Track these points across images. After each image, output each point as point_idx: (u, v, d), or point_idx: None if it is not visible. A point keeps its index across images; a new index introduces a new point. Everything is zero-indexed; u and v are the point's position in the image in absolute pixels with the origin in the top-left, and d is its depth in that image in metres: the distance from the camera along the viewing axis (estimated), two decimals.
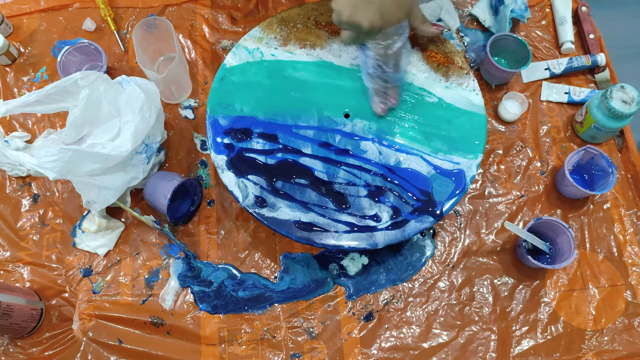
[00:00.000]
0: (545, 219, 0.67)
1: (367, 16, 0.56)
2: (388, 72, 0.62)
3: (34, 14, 0.85)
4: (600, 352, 0.66)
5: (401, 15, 0.58)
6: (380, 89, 0.64)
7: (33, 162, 0.59)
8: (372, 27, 0.57)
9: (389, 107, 0.65)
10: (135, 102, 0.65)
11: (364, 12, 0.56)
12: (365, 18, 0.56)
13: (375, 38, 0.59)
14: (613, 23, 1.31)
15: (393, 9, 0.57)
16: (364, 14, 0.56)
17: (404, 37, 0.61)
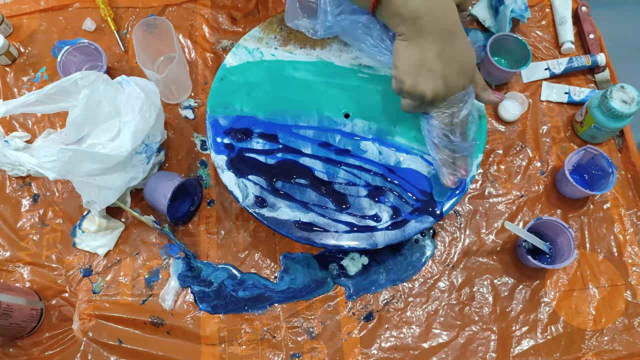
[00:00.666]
0: (545, 219, 0.67)
1: (429, 85, 0.52)
2: (455, 142, 0.57)
3: (34, 14, 0.85)
4: (600, 352, 0.66)
5: (465, 82, 0.54)
6: (448, 159, 0.58)
7: (33, 162, 0.59)
8: (436, 97, 0.53)
9: (458, 178, 0.59)
10: (135, 102, 0.65)
11: (427, 81, 0.52)
12: (427, 87, 0.52)
13: (439, 107, 0.55)
14: (613, 23, 1.32)
15: (457, 76, 0.53)
16: (427, 83, 0.52)
17: (470, 104, 0.56)
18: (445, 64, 0.52)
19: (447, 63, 0.52)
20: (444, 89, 0.53)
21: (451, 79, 0.52)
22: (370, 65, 0.68)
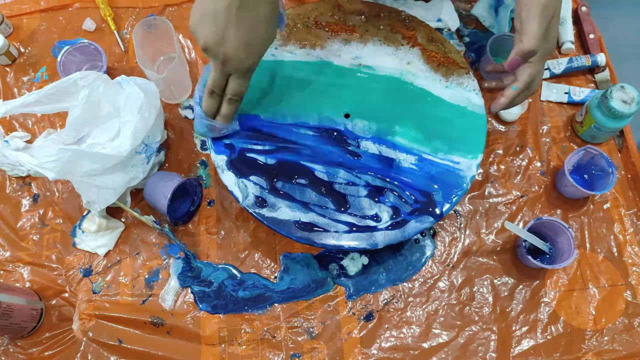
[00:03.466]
0: (545, 219, 0.67)
1: (203, 32, 0.50)
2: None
3: (34, 14, 0.85)
4: (600, 352, 0.66)
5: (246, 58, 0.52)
6: None
7: (33, 162, 0.59)
8: (205, 48, 0.51)
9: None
10: (134, 102, 0.65)
11: (204, 28, 0.50)
12: (201, 33, 0.50)
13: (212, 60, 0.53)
14: (613, 23, 1.32)
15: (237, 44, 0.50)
16: (203, 29, 0.50)
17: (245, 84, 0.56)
18: (228, 23, 0.49)
19: (230, 23, 0.49)
20: (216, 47, 0.50)
21: (228, 42, 0.50)
22: (370, 65, 0.68)
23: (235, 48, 0.51)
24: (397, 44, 0.70)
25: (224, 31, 0.49)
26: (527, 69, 0.61)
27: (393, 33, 0.70)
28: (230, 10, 0.48)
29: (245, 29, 0.50)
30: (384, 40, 0.70)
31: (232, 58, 0.51)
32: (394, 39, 0.70)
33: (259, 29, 0.51)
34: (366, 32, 0.70)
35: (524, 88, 0.62)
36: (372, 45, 0.70)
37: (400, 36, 0.70)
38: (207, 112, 0.58)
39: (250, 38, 0.51)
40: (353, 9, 0.71)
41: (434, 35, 0.70)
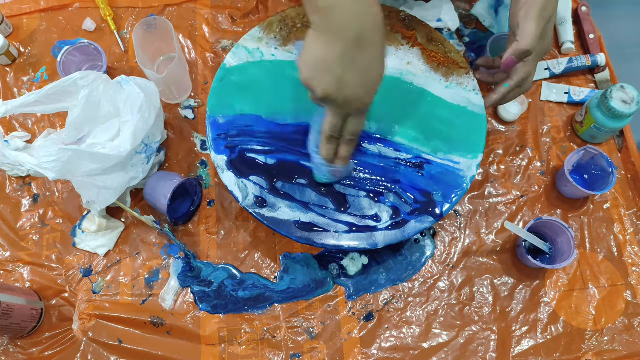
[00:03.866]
0: (545, 219, 0.67)
1: (322, 83, 0.49)
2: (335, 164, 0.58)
3: (34, 14, 0.85)
4: (600, 352, 0.66)
5: (364, 97, 0.51)
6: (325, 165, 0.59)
7: (33, 163, 0.59)
8: (327, 97, 0.50)
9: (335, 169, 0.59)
10: (134, 102, 0.65)
11: (321, 79, 0.49)
12: (320, 85, 0.49)
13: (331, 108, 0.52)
14: (613, 23, 1.32)
15: (355, 85, 0.49)
16: (320, 80, 0.49)
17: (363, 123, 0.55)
18: (345, 68, 0.48)
19: (347, 68, 0.48)
20: (337, 93, 0.49)
21: (348, 86, 0.49)
22: None
23: (356, 90, 0.50)
24: (397, 44, 0.70)
25: (342, 77, 0.48)
26: (521, 67, 0.61)
27: (393, 33, 0.70)
28: (347, 54, 0.47)
29: (362, 69, 0.49)
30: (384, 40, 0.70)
31: (353, 100, 0.50)
32: (393, 39, 0.70)
33: (374, 67, 0.50)
34: None
35: (515, 86, 0.62)
36: None
37: (400, 36, 0.70)
38: (327, 158, 0.57)
39: (367, 77, 0.50)
40: None
41: (434, 35, 0.70)
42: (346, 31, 0.47)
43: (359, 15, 0.46)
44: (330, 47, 0.47)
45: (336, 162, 0.58)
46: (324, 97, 0.50)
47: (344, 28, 0.46)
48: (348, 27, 0.46)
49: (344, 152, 0.57)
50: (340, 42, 0.47)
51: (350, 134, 0.55)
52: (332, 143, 0.56)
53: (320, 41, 0.48)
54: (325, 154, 0.57)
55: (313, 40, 0.49)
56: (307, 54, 0.50)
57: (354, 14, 0.46)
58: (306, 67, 0.50)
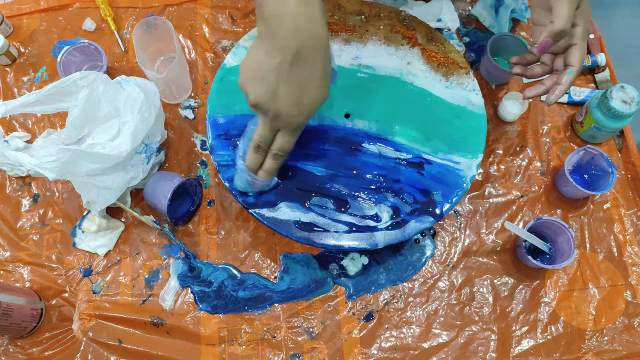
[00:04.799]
0: (545, 219, 0.67)
1: (255, 90, 0.49)
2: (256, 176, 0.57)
3: (34, 14, 0.85)
4: (600, 352, 0.66)
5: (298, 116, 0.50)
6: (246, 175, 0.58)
7: (32, 163, 0.59)
8: (258, 105, 0.50)
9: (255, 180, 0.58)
10: (134, 102, 0.65)
11: (255, 86, 0.49)
12: (252, 91, 0.49)
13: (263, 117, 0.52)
14: (613, 23, 1.32)
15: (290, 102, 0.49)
16: (254, 87, 0.49)
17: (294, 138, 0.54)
18: (280, 80, 0.48)
19: (282, 81, 0.48)
20: (268, 104, 0.49)
21: (280, 100, 0.49)
22: (370, 65, 0.68)
23: (287, 105, 0.49)
24: (397, 44, 0.70)
25: (275, 88, 0.48)
26: (576, 51, 0.60)
27: (393, 33, 0.70)
28: (282, 67, 0.47)
29: (297, 86, 0.49)
30: (384, 40, 0.70)
31: (284, 115, 0.50)
32: (394, 39, 0.70)
33: (311, 87, 0.49)
34: (366, 32, 0.70)
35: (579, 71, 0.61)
36: (372, 45, 0.70)
37: (400, 36, 0.70)
38: (250, 167, 0.56)
39: (302, 95, 0.49)
40: (353, 9, 0.71)
41: (434, 35, 0.70)
42: (286, 44, 0.47)
43: (302, 33, 0.46)
44: (268, 57, 0.48)
45: (259, 174, 0.57)
46: (255, 104, 0.50)
47: (285, 41, 0.47)
48: (288, 41, 0.46)
49: (269, 166, 0.56)
50: (279, 53, 0.47)
51: (277, 148, 0.54)
52: (259, 153, 0.55)
53: (261, 49, 0.48)
54: (249, 163, 0.56)
55: (256, 47, 0.49)
56: (248, 58, 0.50)
57: (296, 30, 0.46)
58: (244, 70, 0.50)
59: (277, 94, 0.49)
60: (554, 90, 0.61)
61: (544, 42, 0.58)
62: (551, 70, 0.64)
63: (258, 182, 0.58)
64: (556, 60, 0.63)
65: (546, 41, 0.58)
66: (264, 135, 0.53)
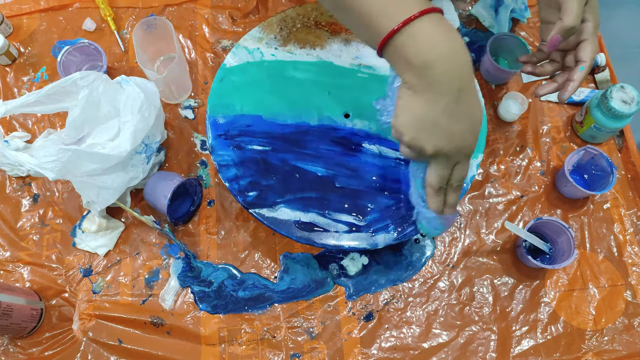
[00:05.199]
0: (545, 219, 0.67)
1: (432, 141, 0.47)
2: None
3: (34, 14, 0.85)
4: (600, 352, 0.66)
5: (473, 142, 0.49)
6: None
7: (32, 163, 0.59)
8: (438, 153, 0.48)
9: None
10: (134, 102, 0.65)
11: (429, 136, 0.47)
12: (429, 143, 0.47)
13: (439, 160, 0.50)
14: (613, 23, 1.32)
15: (464, 133, 0.48)
16: (429, 138, 0.47)
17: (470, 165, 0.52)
18: (451, 120, 0.47)
19: (453, 120, 0.47)
20: (448, 146, 0.48)
21: (457, 136, 0.48)
22: (370, 65, 0.68)
23: (465, 138, 0.48)
24: None
25: (450, 129, 0.47)
26: (587, 46, 0.59)
27: None
28: (450, 108, 0.46)
29: (467, 118, 0.47)
30: None
31: (462, 149, 0.49)
32: None
33: (475, 110, 0.48)
34: None
35: (590, 67, 0.60)
36: None
37: None
38: (438, 210, 0.54)
39: (472, 121, 0.48)
40: None
41: None
42: (448, 87, 0.45)
43: (458, 69, 0.45)
44: (431, 105, 0.46)
45: (445, 211, 0.55)
46: (436, 153, 0.48)
47: (445, 84, 0.45)
48: (449, 82, 0.45)
49: (453, 200, 0.54)
50: (443, 98, 0.45)
51: (457, 180, 0.52)
52: (441, 194, 0.53)
53: (420, 100, 0.46)
54: (437, 207, 0.54)
55: (411, 100, 0.47)
56: (407, 114, 0.48)
57: (453, 69, 0.45)
58: (409, 129, 0.48)
59: (454, 134, 0.47)
60: (567, 87, 0.61)
61: (553, 38, 0.57)
62: (562, 67, 0.64)
63: (447, 221, 0.56)
64: (567, 56, 0.63)
65: (556, 38, 0.57)
66: (443, 175, 0.51)
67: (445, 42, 0.44)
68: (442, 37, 0.44)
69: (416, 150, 0.49)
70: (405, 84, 0.47)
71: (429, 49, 0.44)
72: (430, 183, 0.52)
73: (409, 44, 0.44)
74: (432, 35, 0.44)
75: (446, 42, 0.44)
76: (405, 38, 0.44)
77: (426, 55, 0.44)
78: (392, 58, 0.47)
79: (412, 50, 0.44)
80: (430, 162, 0.50)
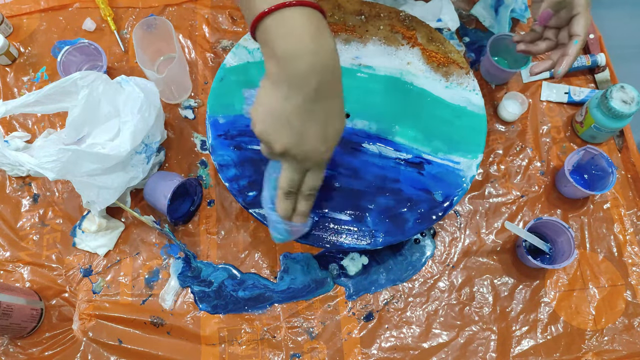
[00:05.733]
0: (545, 219, 0.67)
1: (282, 138, 0.46)
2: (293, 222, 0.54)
3: (34, 14, 0.85)
4: (600, 352, 0.66)
5: (326, 151, 0.48)
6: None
7: (32, 163, 0.59)
8: (286, 152, 0.47)
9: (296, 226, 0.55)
10: (134, 102, 0.65)
11: (280, 133, 0.46)
12: (278, 139, 0.46)
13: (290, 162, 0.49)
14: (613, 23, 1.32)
15: (316, 139, 0.46)
16: (279, 134, 0.46)
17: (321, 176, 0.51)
18: (304, 121, 0.45)
19: (307, 121, 0.45)
20: (297, 148, 0.46)
21: (307, 140, 0.46)
22: (370, 65, 0.68)
23: (316, 145, 0.47)
24: (397, 44, 0.70)
25: (302, 131, 0.45)
26: (580, 19, 0.59)
27: (393, 33, 0.70)
28: (305, 107, 0.44)
29: (322, 122, 0.46)
30: (384, 40, 0.70)
31: (313, 155, 0.48)
32: (394, 39, 0.70)
33: (334, 119, 0.47)
34: (366, 32, 0.70)
35: (585, 40, 0.60)
36: (372, 45, 0.70)
37: (400, 36, 0.70)
38: (285, 215, 0.53)
39: (327, 130, 0.47)
40: (353, 9, 0.71)
41: (434, 35, 0.70)
42: (306, 82, 0.43)
43: (320, 67, 0.43)
44: (287, 99, 0.44)
45: (294, 219, 0.54)
46: (283, 152, 0.47)
47: (304, 79, 0.43)
48: (308, 78, 0.43)
49: (303, 208, 0.53)
50: (299, 93, 0.44)
51: (309, 189, 0.51)
52: (291, 199, 0.52)
53: (277, 92, 0.45)
54: (283, 212, 0.53)
55: (269, 91, 0.46)
56: (263, 105, 0.46)
57: (314, 66, 0.43)
58: (262, 120, 0.46)
59: (305, 136, 0.46)
60: (561, 62, 0.61)
61: (544, 13, 0.57)
62: (556, 45, 0.64)
63: (296, 227, 0.55)
64: (560, 33, 0.62)
65: (547, 12, 0.57)
66: (293, 180, 0.50)
67: (313, 39, 0.42)
68: (311, 32, 0.42)
69: (265, 145, 0.47)
70: (267, 73, 0.45)
71: (293, 40, 0.42)
72: (280, 185, 0.51)
73: (276, 30, 0.43)
74: (301, 28, 0.42)
75: (314, 38, 0.42)
76: (274, 23, 0.43)
77: (289, 45, 0.42)
78: (261, 42, 0.45)
79: (276, 37, 0.43)
80: (283, 163, 0.49)
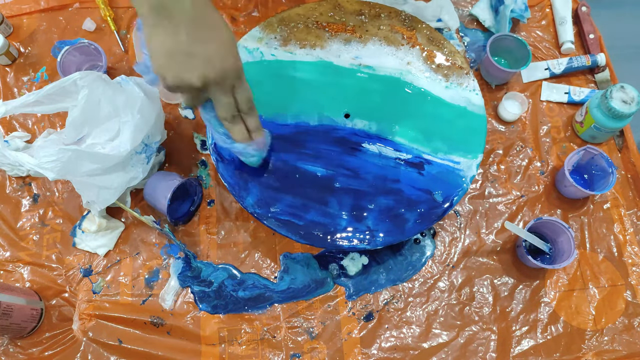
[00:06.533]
0: (545, 219, 0.67)
1: (195, 71, 0.47)
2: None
3: (34, 14, 0.85)
4: (600, 352, 0.66)
5: (234, 59, 0.49)
6: None
7: (32, 163, 0.59)
8: (206, 81, 0.48)
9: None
10: (134, 102, 0.65)
11: (190, 67, 0.47)
12: (193, 74, 0.47)
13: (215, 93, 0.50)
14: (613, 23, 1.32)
15: (221, 53, 0.48)
16: (191, 69, 0.47)
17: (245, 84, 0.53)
18: (203, 43, 0.47)
19: (204, 42, 0.47)
20: (213, 71, 0.47)
21: (216, 59, 0.47)
22: (370, 65, 0.68)
23: (223, 59, 0.48)
24: (397, 44, 0.70)
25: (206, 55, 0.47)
26: None
27: (393, 33, 0.70)
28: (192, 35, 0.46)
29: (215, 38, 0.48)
30: (384, 40, 0.70)
31: (227, 69, 0.49)
32: (394, 39, 0.70)
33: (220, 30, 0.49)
34: (366, 32, 0.70)
35: None
36: (372, 45, 0.70)
37: (400, 36, 0.70)
38: (244, 137, 0.55)
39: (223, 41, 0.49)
40: (353, 9, 0.71)
41: (434, 35, 0.70)
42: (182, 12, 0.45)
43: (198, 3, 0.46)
44: (177, 34, 0.46)
45: (253, 136, 0.56)
46: (205, 83, 0.48)
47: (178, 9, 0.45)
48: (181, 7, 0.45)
49: (253, 123, 0.55)
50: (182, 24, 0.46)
51: (245, 103, 0.53)
52: (238, 122, 0.54)
53: (162, 32, 0.46)
54: (240, 135, 0.54)
55: (155, 37, 0.47)
56: (159, 53, 0.47)
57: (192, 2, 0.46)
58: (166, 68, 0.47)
59: (211, 58, 0.47)
60: None
61: None
62: None
63: (259, 144, 0.57)
64: None
65: None
66: (229, 104, 0.51)
67: None
68: None
69: (186, 88, 0.48)
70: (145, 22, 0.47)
71: None
72: (222, 117, 0.52)
73: None
74: None
75: None
76: None
77: None
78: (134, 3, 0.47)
79: None
80: (211, 96, 0.50)
